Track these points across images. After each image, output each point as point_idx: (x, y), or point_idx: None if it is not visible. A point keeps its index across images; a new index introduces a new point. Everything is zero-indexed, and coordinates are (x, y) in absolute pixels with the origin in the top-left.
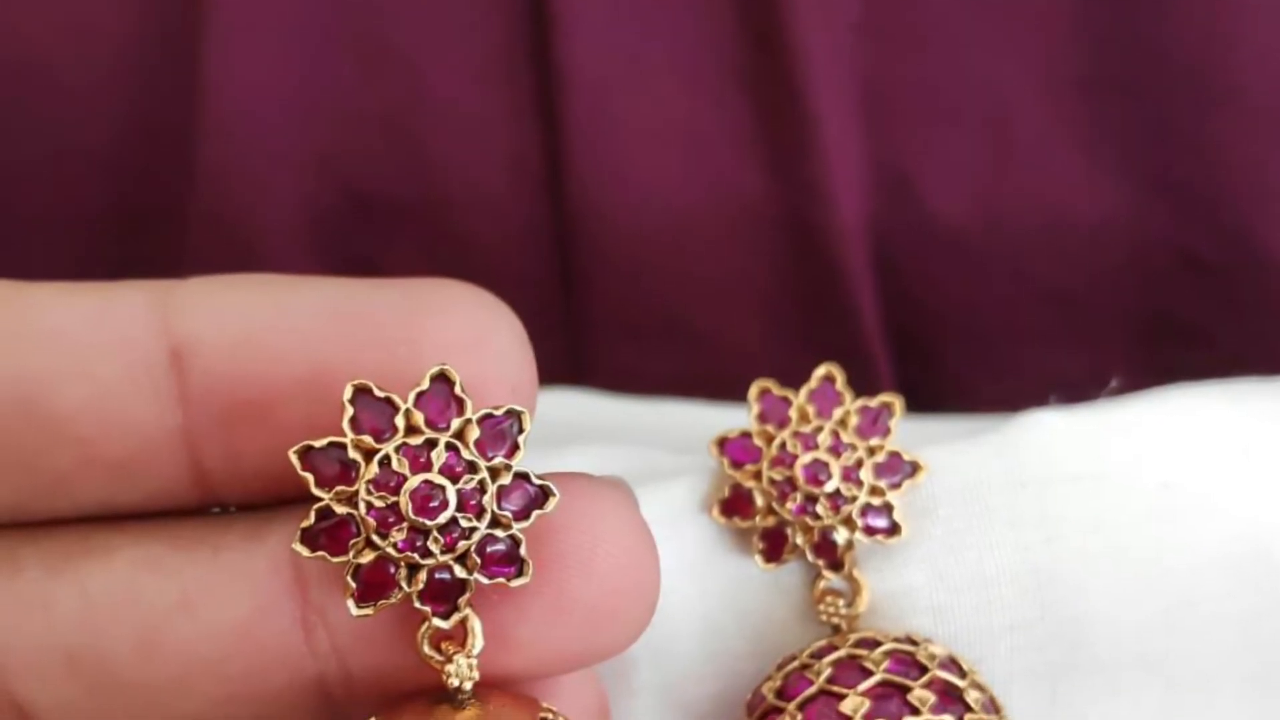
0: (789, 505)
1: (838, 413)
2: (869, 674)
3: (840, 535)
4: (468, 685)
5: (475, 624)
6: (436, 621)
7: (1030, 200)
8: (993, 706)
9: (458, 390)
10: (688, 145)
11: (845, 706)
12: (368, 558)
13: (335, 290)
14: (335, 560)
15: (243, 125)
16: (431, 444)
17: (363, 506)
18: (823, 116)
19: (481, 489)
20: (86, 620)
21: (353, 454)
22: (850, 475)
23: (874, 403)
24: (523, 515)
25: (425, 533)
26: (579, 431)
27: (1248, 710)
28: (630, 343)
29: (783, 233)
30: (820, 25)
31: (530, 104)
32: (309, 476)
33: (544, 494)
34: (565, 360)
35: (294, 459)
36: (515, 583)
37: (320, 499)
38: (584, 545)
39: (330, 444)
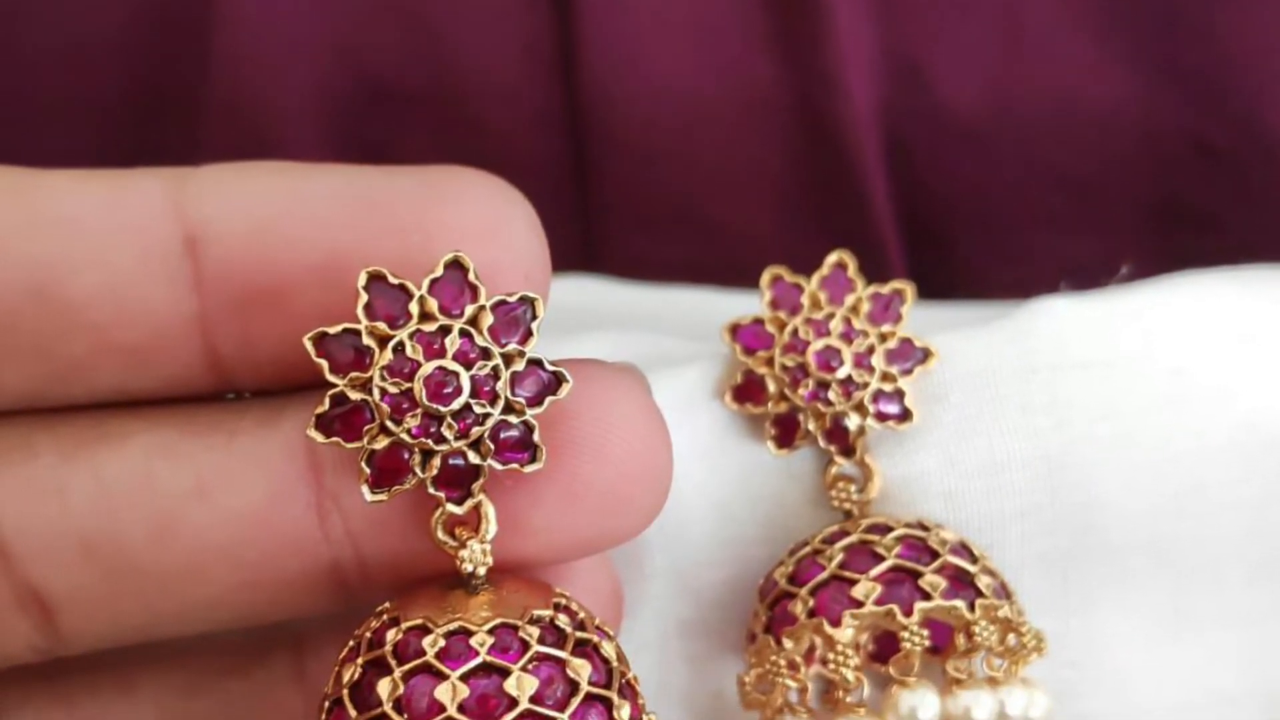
0: (801, 391)
1: (849, 299)
2: (880, 559)
3: (852, 421)
4: (481, 570)
5: (489, 509)
6: (450, 507)
7: (1041, 87)
8: (1004, 591)
9: (471, 277)
10: (700, 33)
11: (857, 591)
12: (382, 443)
13: (350, 178)
14: (349, 446)
15: (258, 13)
16: (445, 330)
17: (377, 392)
18: (834, 5)
19: (495, 375)
20: (101, 506)
21: (367, 340)
22: (862, 361)
23: (885, 289)
24: (536, 401)
25: (439, 419)
26: (592, 318)
27: (1256, 597)
28: (642, 229)
29: (794, 120)
30: None
31: None
32: (323, 363)
33: (557, 380)
34: (578, 247)
35: (308, 345)
36: (529, 468)
37: (335, 385)
38: (597, 431)
39: (344, 330)
